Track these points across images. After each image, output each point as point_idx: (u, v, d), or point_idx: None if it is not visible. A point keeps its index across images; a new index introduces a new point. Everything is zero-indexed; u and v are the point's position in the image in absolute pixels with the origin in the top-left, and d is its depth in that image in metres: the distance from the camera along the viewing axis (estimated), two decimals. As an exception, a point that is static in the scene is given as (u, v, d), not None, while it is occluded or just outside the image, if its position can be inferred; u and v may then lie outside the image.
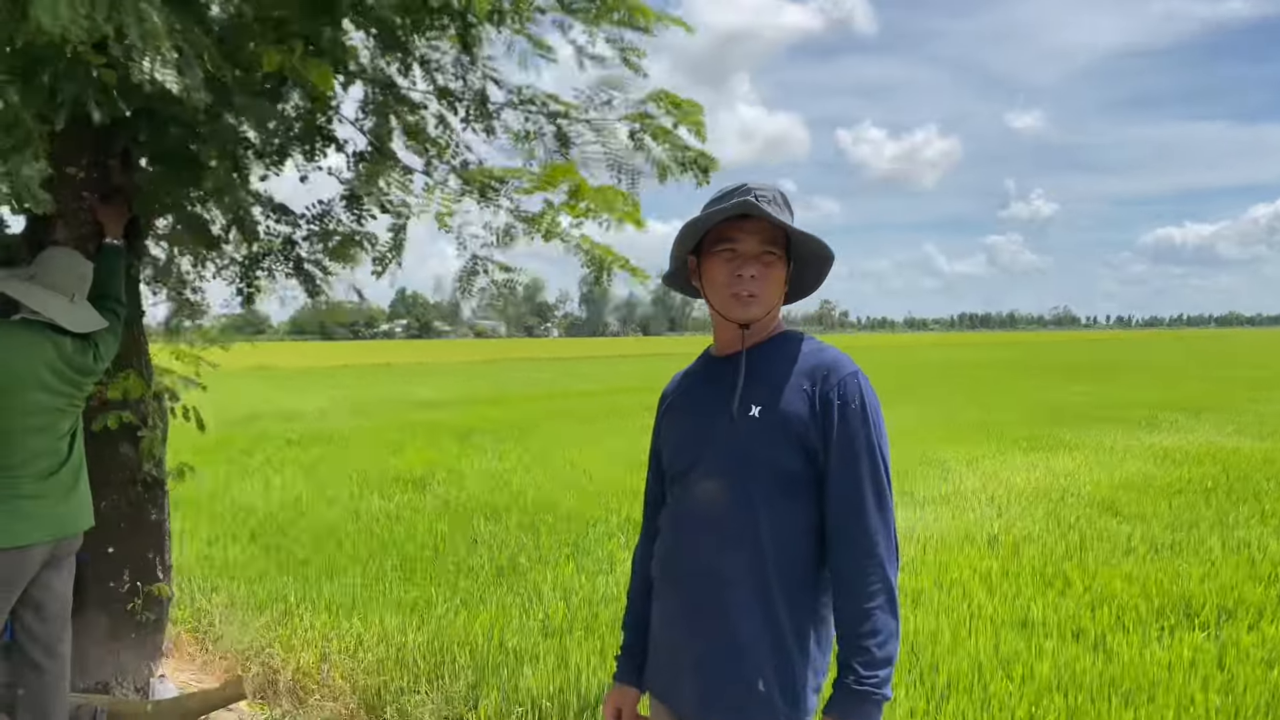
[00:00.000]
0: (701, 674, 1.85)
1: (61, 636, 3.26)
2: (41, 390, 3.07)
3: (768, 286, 1.86)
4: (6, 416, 3.01)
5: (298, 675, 4.84)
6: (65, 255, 3.25)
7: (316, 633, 5.30)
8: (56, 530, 3.14)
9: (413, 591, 6.07)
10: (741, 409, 1.83)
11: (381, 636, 5.20)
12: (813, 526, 1.83)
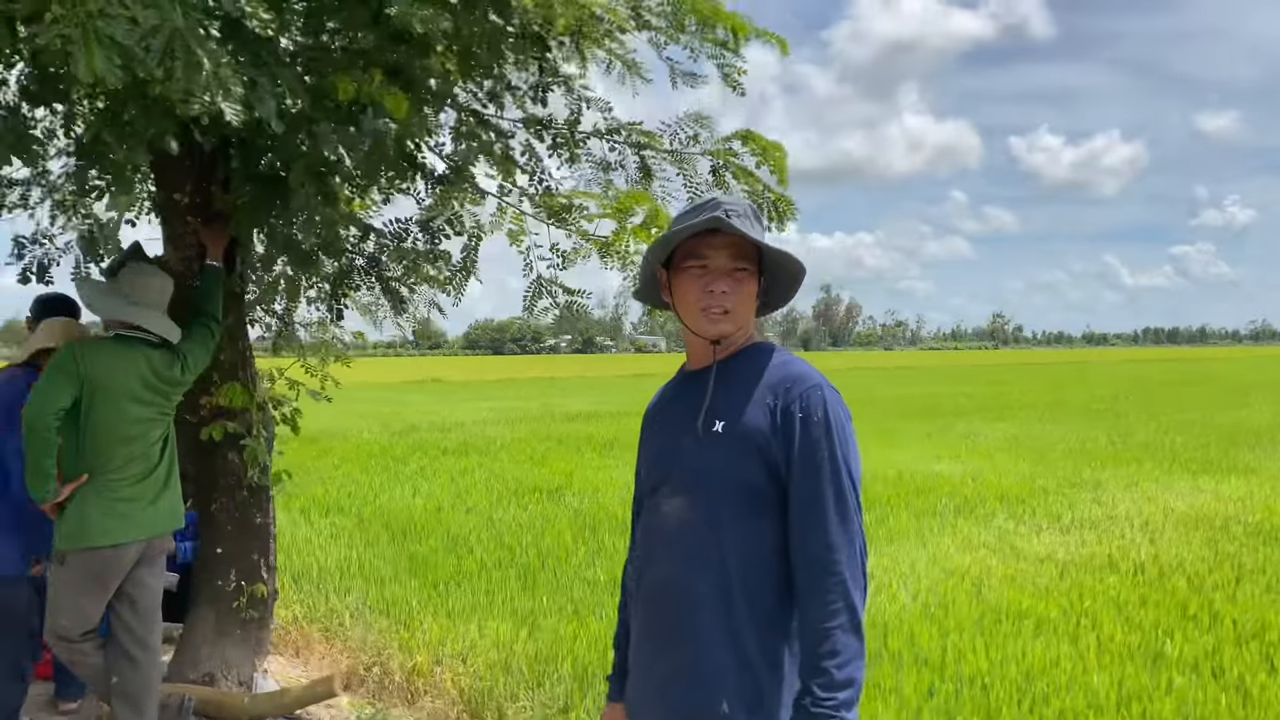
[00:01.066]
0: (666, 695, 1.83)
1: (152, 629, 3.54)
2: (134, 401, 3.37)
3: (739, 302, 1.83)
4: (104, 425, 3.32)
5: (411, 676, 5.04)
6: (152, 273, 3.56)
7: (433, 636, 5.50)
8: (149, 530, 3.42)
9: (529, 600, 6.22)
10: (706, 425, 1.81)
11: (494, 642, 5.36)
12: (779, 545, 1.79)
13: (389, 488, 11.05)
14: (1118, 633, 5.20)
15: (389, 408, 25.63)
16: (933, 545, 7.68)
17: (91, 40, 2.05)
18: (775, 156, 3.81)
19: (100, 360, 3.33)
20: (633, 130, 3.94)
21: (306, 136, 3.09)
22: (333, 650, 5.61)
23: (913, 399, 28.23)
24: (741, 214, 1.81)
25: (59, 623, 3.38)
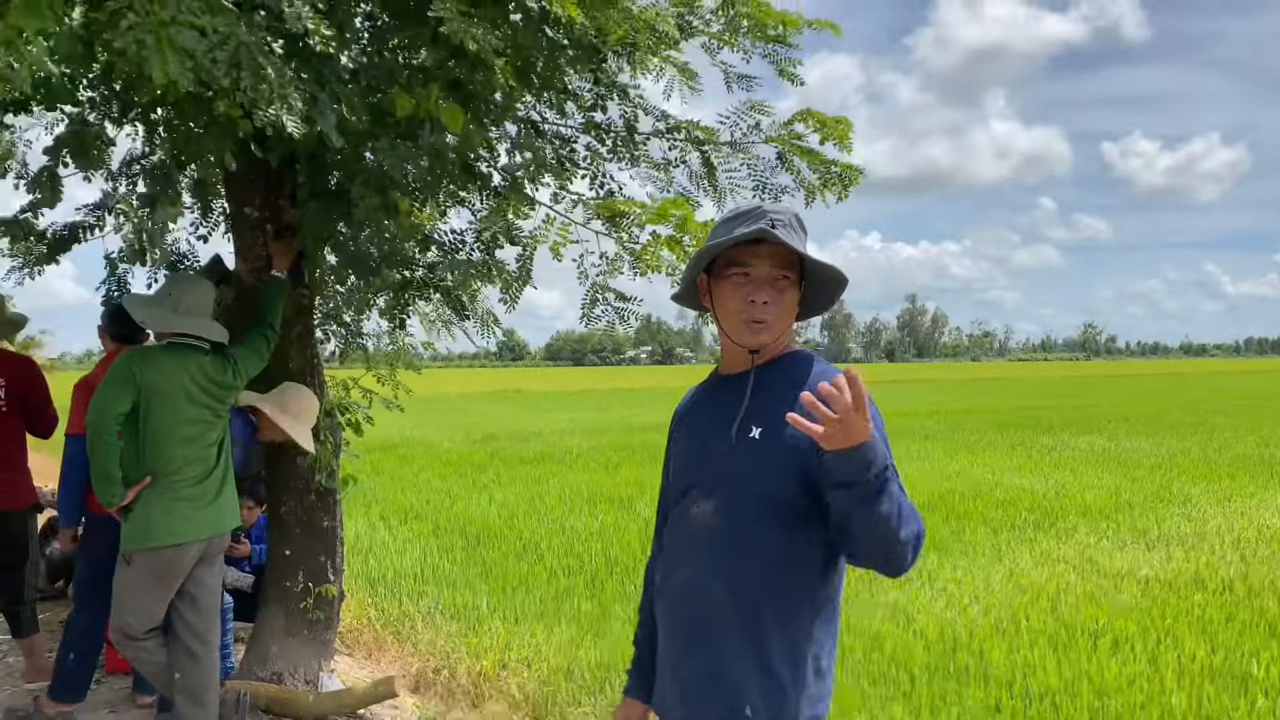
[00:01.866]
0: (689, 698, 1.84)
1: (212, 626, 3.67)
2: (190, 404, 3.51)
3: (780, 312, 1.82)
4: (161, 429, 3.47)
5: (478, 680, 5.13)
6: (195, 281, 3.72)
7: (501, 640, 5.58)
8: (208, 529, 3.55)
9: (596, 607, 6.26)
10: (742, 432, 1.81)
11: (559, 648, 5.41)
12: (810, 555, 1.78)
13: (466, 495, 11.24)
14: (1200, 652, 5.00)
15: (471, 417, 26.09)
16: (1009, 560, 7.50)
17: (164, 45, 2.17)
18: (838, 130, 3.78)
19: (154, 367, 3.49)
20: (692, 128, 3.96)
21: (368, 151, 3.20)
22: (403, 653, 5.73)
23: (998, 411, 27.57)
24: (786, 224, 1.80)
25: (125, 620, 3.53)
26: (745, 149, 4.00)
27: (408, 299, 4.04)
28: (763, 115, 3.98)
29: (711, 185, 4.05)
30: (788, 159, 3.97)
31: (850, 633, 5.46)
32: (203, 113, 2.75)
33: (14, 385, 4.45)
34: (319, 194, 3.59)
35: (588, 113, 3.95)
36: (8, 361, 4.51)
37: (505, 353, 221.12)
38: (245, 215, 3.86)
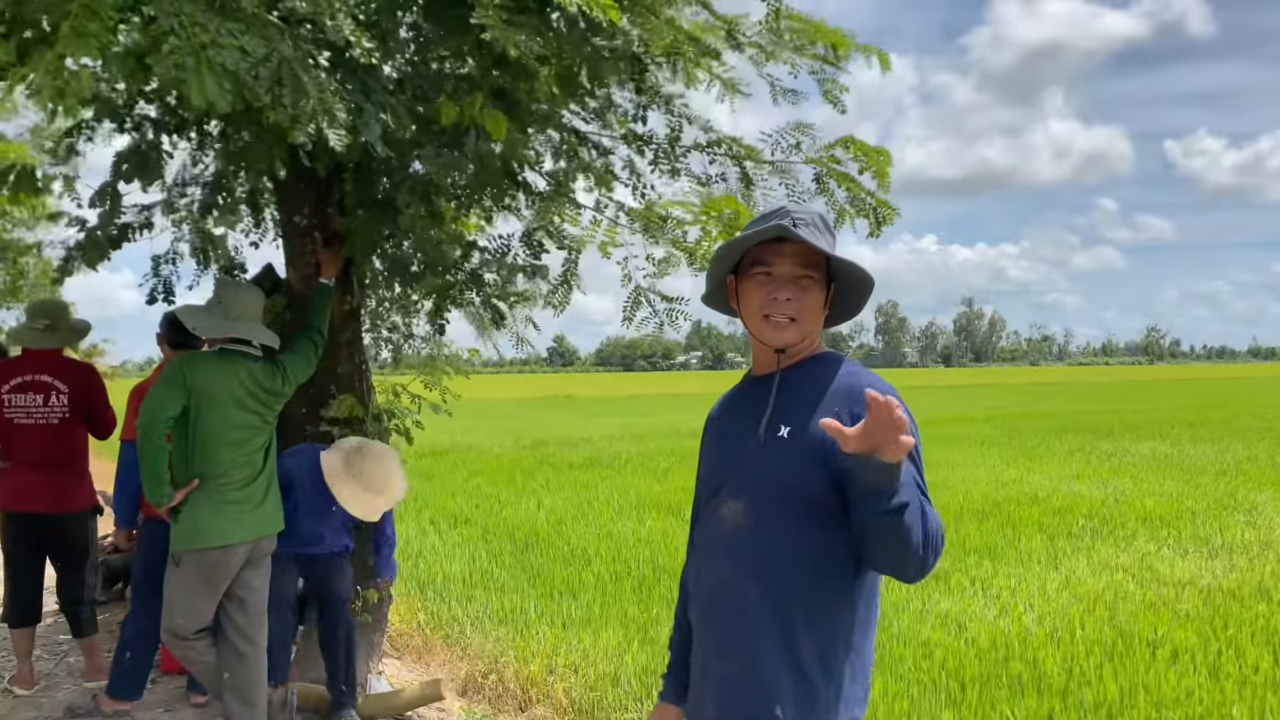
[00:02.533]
0: (722, 699, 1.83)
1: (260, 627, 3.74)
2: (239, 409, 3.59)
3: (804, 310, 1.82)
4: (210, 432, 3.55)
5: (526, 684, 5.15)
6: (244, 288, 3.79)
7: (548, 645, 5.60)
8: (254, 531, 3.62)
9: (643, 613, 6.26)
10: (770, 431, 1.80)
11: (606, 654, 5.42)
12: (843, 555, 1.76)
13: (515, 500, 11.31)
14: (1263, 663, 4.86)
15: (521, 423, 26.25)
16: (1065, 568, 7.34)
17: (203, 68, 2.23)
18: (878, 162, 3.78)
19: (204, 372, 3.57)
20: (734, 144, 3.97)
21: (414, 159, 3.24)
22: (452, 656, 5.78)
23: (1056, 416, 27.07)
24: (810, 223, 1.80)
25: (175, 621, 3.62)
26: (785, 168, 4.00)
27: (448, 305, 4.09)
28: (804, 136, 3.98)
29: (747, 200, 4.06)
30: (824, 182, 3.97)
31: (899, 641, 5.39)
32: (252, 124, 2.81)
33: (77, 392, 4.58)
34: (366, 202, 3.66)
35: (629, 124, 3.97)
36: (71, 369, 4.65)
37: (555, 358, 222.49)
38: (295, 224, 3.95)
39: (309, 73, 2.44)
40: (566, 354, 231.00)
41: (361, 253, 3.80)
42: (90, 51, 2.20)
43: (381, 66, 2.89)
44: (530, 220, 3.80)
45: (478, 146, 3.32)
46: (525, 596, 6.79)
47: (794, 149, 3.96)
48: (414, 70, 3.26)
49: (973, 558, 7.68)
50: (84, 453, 4.75)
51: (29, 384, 4.52)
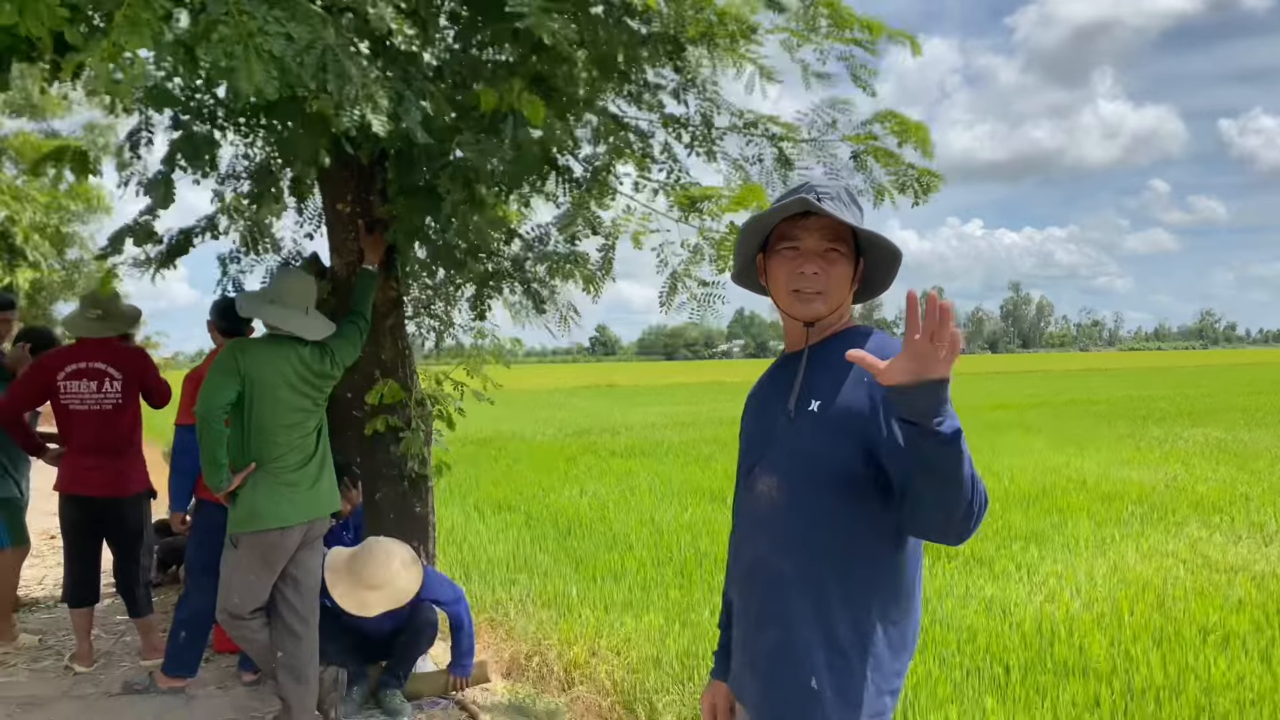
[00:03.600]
0: (758, 672, 1.85)
1: (313, 607, 3.82)
2: (290, 392, 3.66)
3: (831, 283, 1.82)
4: (264, 416, 3.63)
5: (569, 667, 5.21)
6: (295, 276, 3.85)
7: (591, 628, 5.65)
8: (309, 513, 3.70)
9: (684, 597, 6.29)
10: (800, 405, 1.81)
11: (648, 636, 5.46)
12: (877, 529, 1.76)
13: (558, 487, 11.38)
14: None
15: (563, 411, 26.37)
16: (1113, 554, 7.24)
17: (252, 55, 2.29)
18: (918, 133, 3.75)
19: (257, 357, 3.65)
20: (771, 123, 3.96)
21: (454, 146, 3.29)
22: (496, 638, 5.85)
23: (1106, 402, 26.63)
24: (834, 196, 1.81)
25: (231, 601, 3.71)
26: (821, 146, 3.99)
27: (490, 291, 4.14)
28: (841, 113, 3.96)
29: (783, 182, 4.05)
30: (862, 159, 3.95)
31: (942, 625, 5.37)
32: (296, 113, 2.87)
33: (129, 377, 4.71)
34: (407, 189, 3.71)
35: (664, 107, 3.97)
36: (122, 355, 4.77)
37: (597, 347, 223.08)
38: (338, 211, 4.02)
39: (352, 60, 2.49)
40: (609, 343, 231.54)
41: (403, 239, 3.86)
42: (143, 41, 2.26)
43: (422, 54, 2.93)
44: (568, 207, 3.83)
45: (516, 133, 3.35)
46: (568, 580, 6.85)
47: (830, 127, 3.94)
48: (453, 58, 3.31)
49: (1018, 544, 7.60)
50: (137, 437, 4.88)
51: (82, 371, 4.65)
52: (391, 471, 4.34)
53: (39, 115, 15.22)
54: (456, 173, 3.39)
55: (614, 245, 3.77)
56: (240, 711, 4.14)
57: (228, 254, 4.85)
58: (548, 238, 4.06)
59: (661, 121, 3.94)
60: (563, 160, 3.87)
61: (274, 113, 3.10)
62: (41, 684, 4.49)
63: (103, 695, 4.35)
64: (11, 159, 14.58)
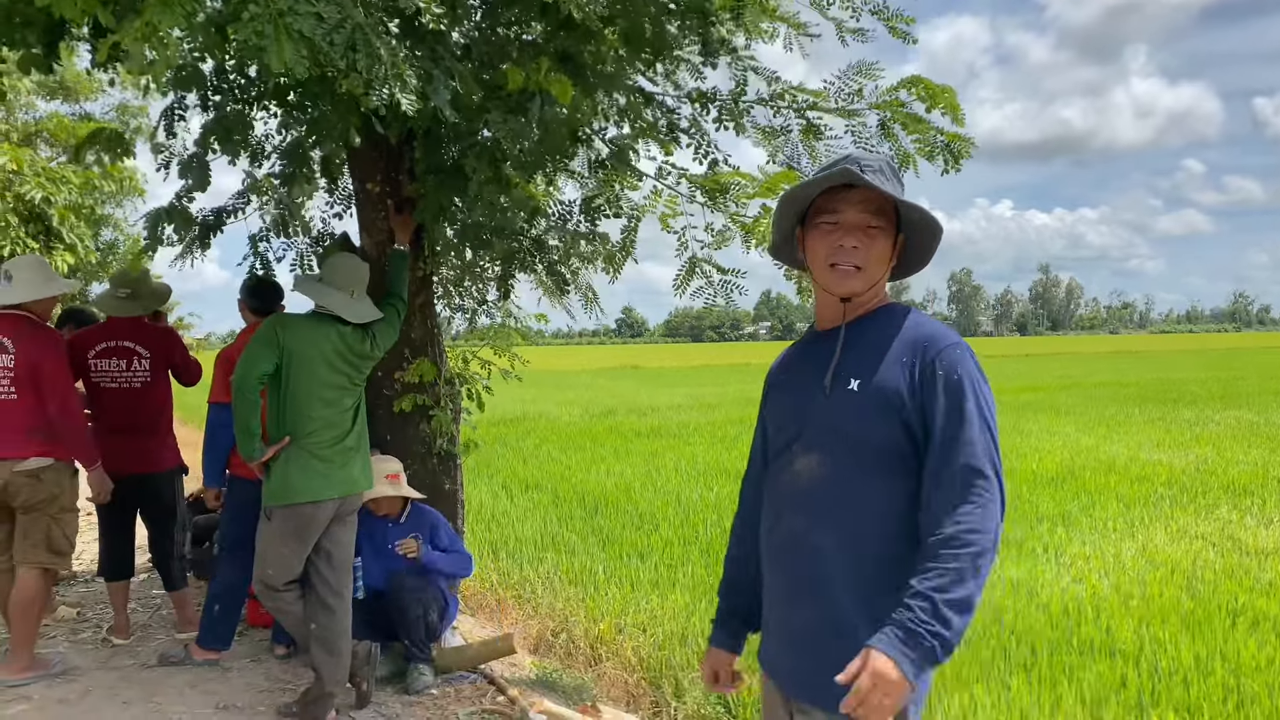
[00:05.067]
0: (798, 650, 1.86)
1: (346, 581, 3.88)
2: (327, 369, 3.70)
3: (871, 258, 1.81)
4: (301, 391, 3.67)
5: (595, 643, 5.26)
6: (346, 259, 3.88)
7: (617, 605, 5.70)
8: (342, 489, 3.75)
9: (710, 576, 6.31)
10: (839, 383, 1.81)
11: (674, 614, 5.49)
12: (914, 505, 1.77)
13: (584, 467, 11.44)
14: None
15: (589, 392, 26.44)
16: (1142, 535, 7.20)
17: (281, 34, 2.31)
18: (945, 98, 3.70)
19: (297, 332, 3.70)
20: (798, 92, 3.93)
21: (481, 125, 3.30)
22: (524, 615, 5.92)
23: (1136, 385, 26.34)
24: (876, 169, 1.79)
25: (265, 572, 3.77)
26: (849, 114, 3.95)
27: (514, 270, 4.17)
28: (869, 79, 3.92)
29: (810, 152, 4.02)
30: (888, 126, 3.91)
31: (969, 605, 5.36)
32: (326, 93, 2.90)
33: (157, 355, 4.78)
34: (435, 169, 3.73)
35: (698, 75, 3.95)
36: (150, 333, 4.84)
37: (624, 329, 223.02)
38: (368, 191, 4.05)
39: (381, 39, 2.51)
40: (635, 325, 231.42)
41: (431, 218, 3.88)
42: (177, 20, 2.28)
43: (450, 33, 2.94)
44: (591, 188, 3.83)
45: (543, 112, 3.36)
46: (594, 558, 6.89)
47: (856, 95, 3.90)
48: (480, 36, 3.31)
49: (1045, 525, 7.57)
50: (168, 414, 4.96)
51: (112, 349, 4.72)
52: (421, 449, 4.39)
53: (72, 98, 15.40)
54: (483, 152, 3.41)
55: (636, 227, 3.78)
56: (273, 683, 4.22)
57: (257, 233, 4.92)
58: (570, 216, 4.07)
59: (689, 96, 3.93)
60: (588, 139, 3.87)
61: (304, 92, 3.13)
62: (80, 655, 4.59)
63: (139, 667, 4.44)
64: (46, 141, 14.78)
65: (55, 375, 4.19)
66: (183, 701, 3.99)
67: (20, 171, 11.87)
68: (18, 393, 4.14)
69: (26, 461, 4.13)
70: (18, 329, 4.18)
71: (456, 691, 4.18)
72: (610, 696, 4.67)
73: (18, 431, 4.13)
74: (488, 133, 3.39)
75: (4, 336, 4.15)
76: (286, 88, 3.30)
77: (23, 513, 4.18)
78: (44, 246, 12.14)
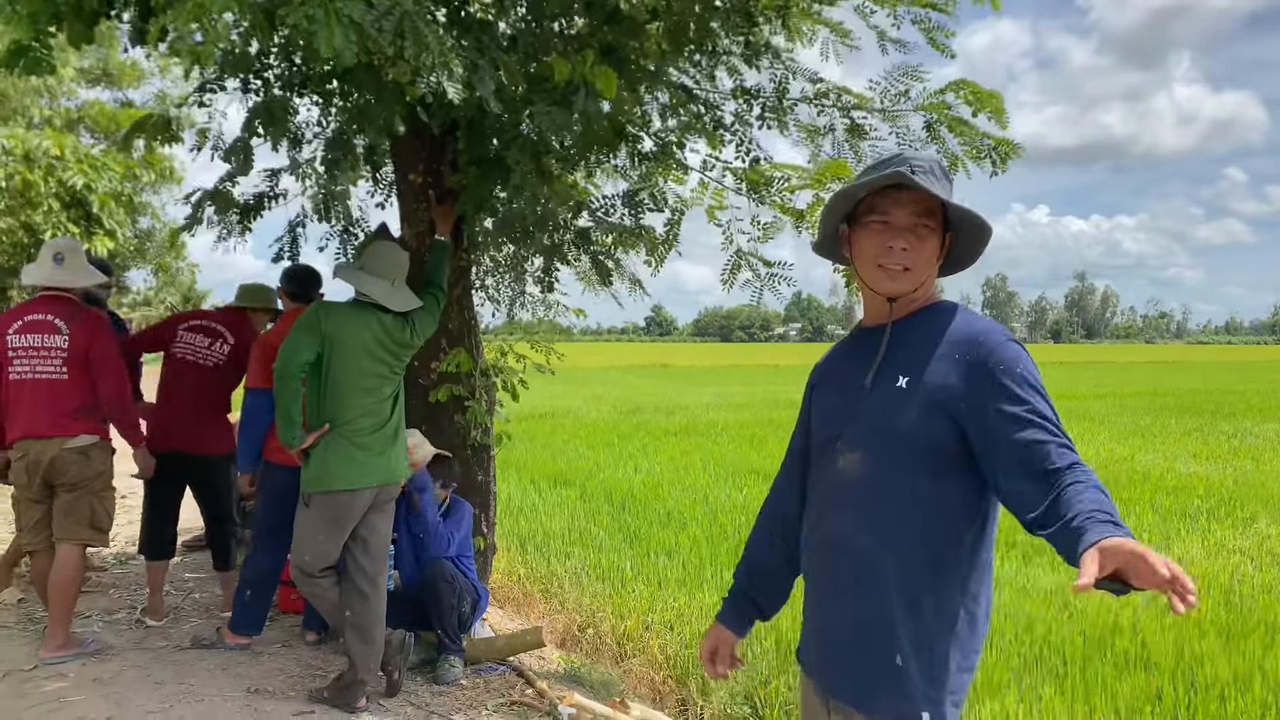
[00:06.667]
0: (839, 649, 1.84)
1: (381, 569, 3.89)
2: (368, 357, 3.71)
3: (919, 259, 1.79)
4: (341, 379, 3.68)
5: (622, 639, 5.26)
6: (387, 248, 3.89)
7: (644, 602, 5.69)
8: (380, 478, 3.76)
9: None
10: (887, 381, 1.79)
11: (702, 613, 5.48)
12: (962, 504, 1.74)
13: (612, 464, 11.45)
14: None
15: (618, 390, 26.46)
16: (1178, 548, 7.10)
17: (332, 19, 2.32)
18: (992, 102, 3.68)
19: (339, 320, 3.71)
20: (842, 93, 3.91)
21: (525, 118, 3.30)
22: (550, 609, 5.93)
23: (1172, 395, 25.98)
24: (927, 170, 1.77)
25: (302, 558, 3.79)
26: (894, 116, 3.92)
27: (556, 262, 4.17)
28: (915, 82, 3.90)
29: (855, 152, 3.99)
30: (935, 129, 3.88)
31: (999, 614, 5.30)
32: (372, 82, 2.91)
33: (239, 345, 4.88)
34: (477, 160, 3.74)
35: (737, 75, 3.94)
36: (238, 325, 4.98)
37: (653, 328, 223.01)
38: (409, 182, 4.07)
39: (429, 27, 2.51)
40: (664, 323, 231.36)
41: (473, 210, 3.89)
42: (227, 3, 2.30)
43: (497, 23, 2.94)
44: (635, 181, 3.82)
45: (586, 105, 3.35)
46: (622, 555, 6.89)
47: (902, 96, 3.88)
48: (526, 28, 3.31)
49: (1079, 535, 7.47)
50: (229, 401, 5.05)
51: (201, 327, 4.92)
52: (454, 440, 4.40)
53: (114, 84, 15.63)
54: (525, 144, 3.41)
55: (679, 220, 3.77)
56: (305, 669, 4.25)
57: (295, 219, 4.97)
58: (613, 210, 4.07)
59: (732, 93, 3.91)
60: (633, 133, 3.86)
61: (350, 80, 3.14)
62: (114, 635, 4.65)
63: (172, 649, 4.49)
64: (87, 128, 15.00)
65: (107, 357, 4.30)
66: (214, 684, 4.03)
67: (63, 157, 12.04)
68: (69, 372, 4.23)
69: (77, 439, 4.23)
70: (70, 311, 4.29)
71: (486, 683, 4.19)
72: (637, 693, 4.66)
73: (67, 410, 4.22)
74: (530, 125, 3.39)
75: (58, 318, 4.25)
76: (329, 75, 3.31)
77: (67, 490, 4.26)
78: (84, 231, 12.31)
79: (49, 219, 11.91)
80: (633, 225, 3.92)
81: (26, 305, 4.37)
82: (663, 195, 3.73)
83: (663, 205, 3.72)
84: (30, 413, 4.21)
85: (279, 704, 3.84)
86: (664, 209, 3.74)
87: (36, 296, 4.38)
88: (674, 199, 3.76)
